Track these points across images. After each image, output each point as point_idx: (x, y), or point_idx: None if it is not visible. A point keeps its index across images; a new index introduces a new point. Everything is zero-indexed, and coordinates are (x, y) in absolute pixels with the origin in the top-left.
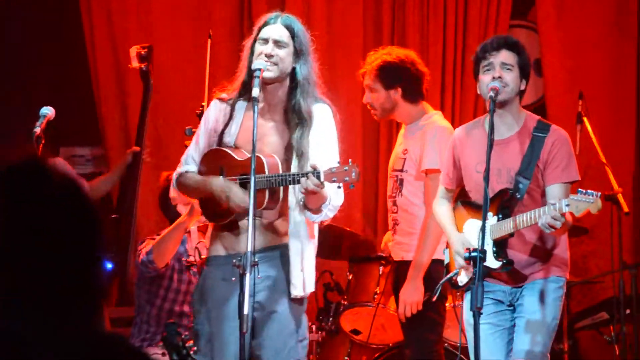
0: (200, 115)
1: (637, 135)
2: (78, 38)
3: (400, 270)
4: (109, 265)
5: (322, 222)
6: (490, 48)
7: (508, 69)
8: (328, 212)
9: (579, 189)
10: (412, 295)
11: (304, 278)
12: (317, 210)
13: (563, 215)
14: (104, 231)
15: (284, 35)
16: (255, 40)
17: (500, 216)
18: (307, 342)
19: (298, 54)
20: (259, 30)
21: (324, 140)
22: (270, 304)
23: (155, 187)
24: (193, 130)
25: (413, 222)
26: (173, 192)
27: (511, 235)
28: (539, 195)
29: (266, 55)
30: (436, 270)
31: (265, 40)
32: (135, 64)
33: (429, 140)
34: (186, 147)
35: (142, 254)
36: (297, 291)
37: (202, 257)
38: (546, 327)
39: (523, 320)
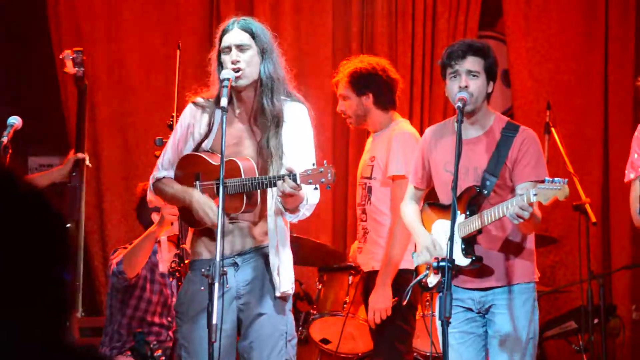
0: (170, 126)
1: (604, 146)
2: (46, 48)
3: (370, 280)
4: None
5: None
6: (456, 56)
7: (474, 76)
8: (305, 212)
9: (546, 178)
10: (381, 301)
11: (284, 277)
12: (295, 210)
13: (531, 205)
14: (69, 240)
15: (244, 38)
16: (219, 52)
17: (468, 213)
18: (296, 340)
19: (262, 53)
20: (220, 40)
21: (299, 140)
22: (256, 306)
23: (124, 197)
24: (164, 140)
25: (382, 231)
26: (150, 196)
27: (479, 232)
28: (507, 194)
29: (232, 62)
30: (406, 279)
31: (228, 49)
32: (70, 69)
33: (395, 146)
34: (156, 157)
35: (113, 264)
36: (279, 290)
37: (185, 262)
38: (524, 345)
39: (497, 341)
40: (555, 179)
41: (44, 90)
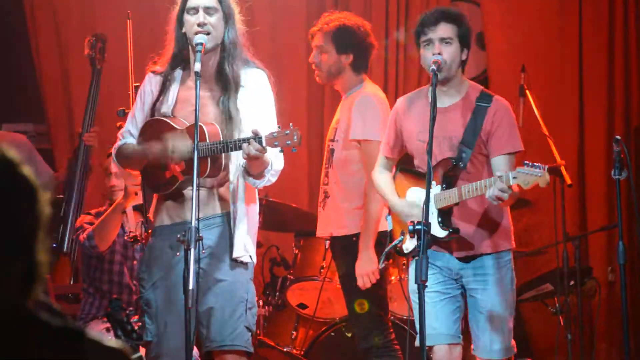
0: (129, 95)
1: (580, 108)
2: (18, 13)
3: (334, 246)
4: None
5: (265, 190)
6: (429, 23)
7: (447, 43)
8: (270, 177)
9: (525, 162)
10: (367, 266)
11: (246, 244)
12: (260, 176)
13: (510, 187)
14: (43, 205)
15: (212, 0)
16: (182, 12)
17: (444, 185)
18: (256, 310)
19: (227, 18)
20: (185, 0)
21: (261, 106)
22: (214, 271)
23: (99, 168)
24: (126, 111)
25: (341, 194)
26: (114, 167)
27: (456, 204)
28: (482, 165)
29: (199, 25)
30: (382, 241)
31: (195, 9)
32: (86, 51)
33: (354, 110)
34: (118, 128)
35: (82, 236)
36: (240, 257)
37: (148, 230)
38: (506, 317)
39: (483, 317)
40: (535, 164)
41: (19, 59)
